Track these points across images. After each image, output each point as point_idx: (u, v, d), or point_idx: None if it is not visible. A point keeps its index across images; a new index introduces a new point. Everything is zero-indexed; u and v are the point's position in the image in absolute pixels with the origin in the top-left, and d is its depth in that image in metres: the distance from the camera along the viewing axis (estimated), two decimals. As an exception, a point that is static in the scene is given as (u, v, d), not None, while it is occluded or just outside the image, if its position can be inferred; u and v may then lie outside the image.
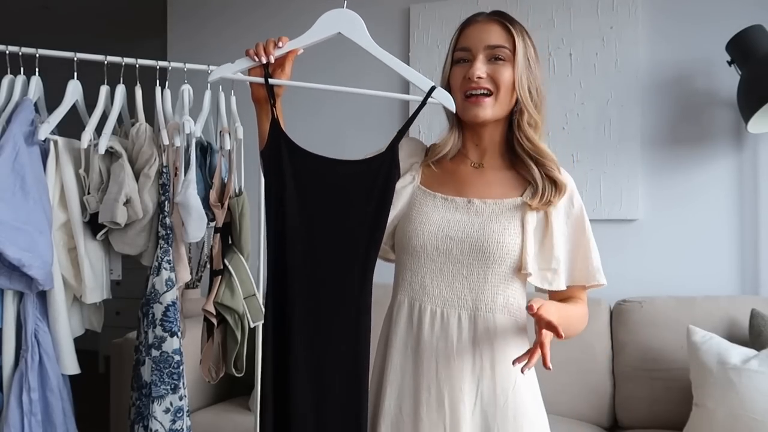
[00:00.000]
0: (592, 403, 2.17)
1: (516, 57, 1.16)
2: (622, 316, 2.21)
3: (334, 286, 1.14)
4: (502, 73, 1.16)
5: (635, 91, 2.41)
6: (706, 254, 2.32)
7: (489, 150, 1.23)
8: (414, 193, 1.23)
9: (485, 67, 1.16)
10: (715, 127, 2.33)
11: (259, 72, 1.17)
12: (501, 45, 1.16)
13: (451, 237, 1.16)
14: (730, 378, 1.78)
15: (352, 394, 1.12)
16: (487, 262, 1.14)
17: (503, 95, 1.17)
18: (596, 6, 2.47)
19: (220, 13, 3.07)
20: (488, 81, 1.16)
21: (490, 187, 1.20)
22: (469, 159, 1.24)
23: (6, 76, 1.68)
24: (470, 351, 1.13)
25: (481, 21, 1.20)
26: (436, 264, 1.17)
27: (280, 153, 1.16)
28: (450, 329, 1.14)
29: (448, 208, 1.19)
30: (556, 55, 2.51)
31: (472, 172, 1.23)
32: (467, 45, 1.19)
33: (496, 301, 1.15)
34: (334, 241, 1.15)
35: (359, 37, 1.19)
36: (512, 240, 1.15)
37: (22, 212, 1.51)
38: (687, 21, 2.37)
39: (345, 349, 1.12)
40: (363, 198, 1.14)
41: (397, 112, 2.74)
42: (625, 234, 2.42)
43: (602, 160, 2.44)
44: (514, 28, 1.18)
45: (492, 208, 1.17)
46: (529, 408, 1.15)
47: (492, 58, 1.17)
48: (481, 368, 1.13)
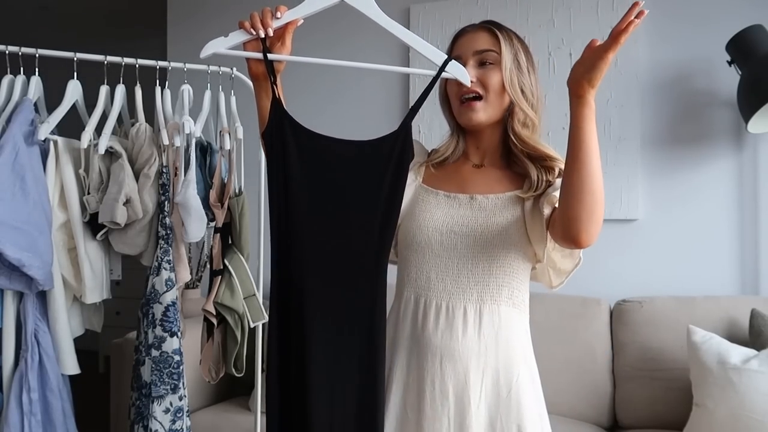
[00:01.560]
0: (592, 403, 2.17)
1: (502, 58, 1.19)
2: (622, 316, 2.21)
3: (346, 277, 1.11)
4: (490, 77, 1.19)
5: (635, 91, 2.41)
6: (706, 254, 2.32)
7: (489, 151, 1.26)
8: (416, 191, 1.25)
9: (474, 72, 1.19)
10: (715, 127, 2.33)
11: (255, 46, 1.11)
12: (488, 49, 1.19)
13: (455, 232, 1.18)
14: (730, 378, 1.78)
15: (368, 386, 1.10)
16: (492, 255, 1.16)
17: (493, 97, 1.19)
18: (596, 6, 2.48)
19: (220, 13, 3.08)
20: (478, 85, 1.19)
21: (490, 184, 1.22)
22: (470, 160, 1.27)
23: (6, 76, 1.68)
24: (476, 343, 1.14)
25: (470, 31, 1.24)
26: (440, 259, 1.18)
27: (284, 134, 1.11)
28: (455, 322, 1.15)
29: (451, 204, 1.21)
30: (556, 55, 2.51)
31: (472, 171, 1.26)
32: (458, 53, 1.22)
33: (501, 293, 1.17)
34: (345, 230, 1.11)
35: (365, 5, 1.11)
36: (516, 232, 1.16)
37: (22, 212, 1.51)
38: (687, 21, 2.37)
39: (358, 341, 1.10)
40: (375, 182, 1.10)
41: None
42: (625, 234, 2.42)
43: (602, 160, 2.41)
44: (500, 33, 1.21)
45: (494, 203, 1.19)
46: (531, 399, 1.16)
47: (481, 63, 1.20)
48: (485, 361, 1.14)
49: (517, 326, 1.18)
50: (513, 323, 1.17)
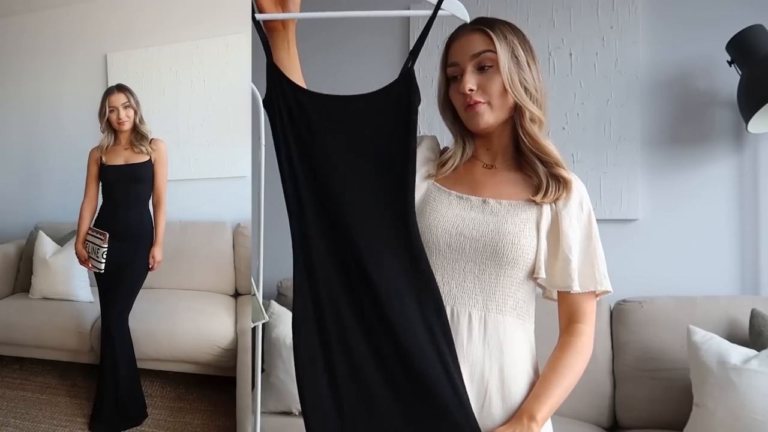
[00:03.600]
0: (592, 403, 2.17)
1: (499, 60, 1.15)
2: (622, 316, 2.21)
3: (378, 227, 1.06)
4: (491, 82, 1.15)
5: (635, 91, 2.41)
6: (706, 254, 2.32)
7: (500, 153, 1.23)
8: (429, 188, 1.21)
9: (475, 79, 1.16)
10: (715, 127, 2.33)
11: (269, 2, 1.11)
12: (484, 50, 1.16)
13: (465, 235, 1.14)
14: (730, 378, 1.78)
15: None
16: (501, 263, 1.14)
17: (497, 101, 1.16)
18: (596, 6, 2.48)
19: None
20: (479, 93, 1.16)
21: (502, 187, 1.20)
22: (480, 161, 1.24)
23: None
24: (480, 352, 1.12)
25: (463, 34, 1.20)
26: (447, 261, 1.15)
27: (286, 98, 1.07)
28: (460, 327, 1.12)
29: (462, 206, 1.18)
30: (556, 55, 2.51)
31: (484, 172, 1.22)
32: (455, 60, 1.19)
33: (507, 303, 1.14)
34: (366, 182, 1.08)
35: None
36: (527, 242, 1.14)
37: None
38: (687, 21, 2.37)
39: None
40: (387, 130, 1.07)
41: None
42: (625, 234, 2.42)
43: (602, 160, 2.44)
44: (493, 33, 1.16)
45: (507, 209, 1.16)
46: None
47: (480, 68, 1.16)
48: (489, 370, 1.12)
49: (523, 336, 1.16)
50: (518, 333, 1.15)
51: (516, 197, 1.18)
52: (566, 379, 1.13)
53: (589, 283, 1.18)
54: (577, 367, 1.16)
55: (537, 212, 1.17)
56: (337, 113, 1.08)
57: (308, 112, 1.07)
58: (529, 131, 1.17)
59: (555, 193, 1.16)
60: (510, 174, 1.21)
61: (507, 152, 1.22)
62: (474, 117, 1.17)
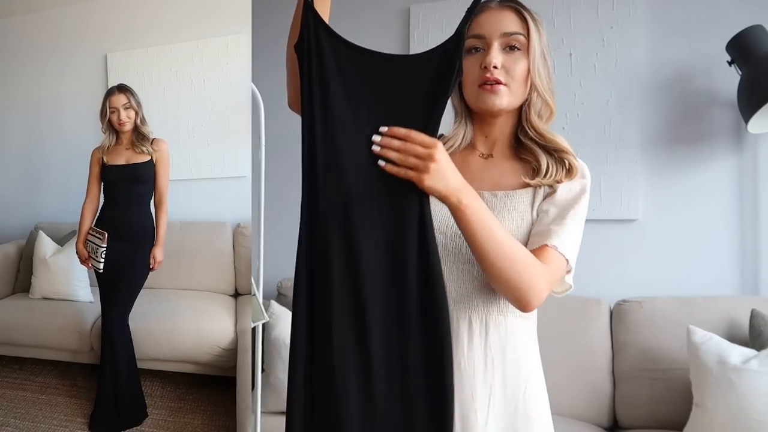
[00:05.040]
0: (592, 403, 2.17)
1: (531, 45, 1.11)
2: (622, 316, 2.21)
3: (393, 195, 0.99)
4: (517, 65, 1.10)
5: (635, 91, 2.41)
6: (706, 254, 2.32)
7: (498, 141, 1.18)
8: None
9: (501, 57, 1.10)
10: (715, 127, 2.33)
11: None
12: (517, 32, 1.11)
13: (460, 235, 1.05)
14: (730, 378, 1.78)
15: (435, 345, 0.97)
16: None
17: (517, 86, 1.11)
18: (596, 6, 2.47)
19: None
20: (502, 73, 1.10)
21: (499, 176, 1.15)
22: (477, 150, 1.18)
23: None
24: (482, 357, 1.08)
25: (494, 7, 1.13)
26: (444, 263, 1.05)
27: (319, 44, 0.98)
28: (460, 333, 1.08)
29: None
30: (556, 55, 2.50)
31: (480, 162, 1.17)
32: (481, 32, 1.11)
33: (508, 302, 1.07)
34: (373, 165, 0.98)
35: None
36: (524, 233, 1.10)
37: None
38: (687, 21, 2.37)
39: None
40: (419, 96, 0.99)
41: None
42: (625, 234, 2.42)
43: (602, 160, 2.44)
44: (529, 16, 1.12)
45: (504, 202, 1.11)
46: (540, 412, 1.11)
47: (507, 47, 1.11)
48: (492, 375, 1.08)
49: (525, 337, 1.11)
50: (520, 334, 1.10)
51: (512, 186, 1.13)
52: (506, 237, 1.02)
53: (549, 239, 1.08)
54: (518, 251, 1.02)
55: (532, 195, 1.12)
56: (371, 68, 1.01)
57: (343, 62, 1.00)
58: (535, 124, 1.14)
59: (556, 175, 1.11)
60: (507, 162, 1.16)
61: (506, 141, 1.18)
62: (490, 96, 1.10)
